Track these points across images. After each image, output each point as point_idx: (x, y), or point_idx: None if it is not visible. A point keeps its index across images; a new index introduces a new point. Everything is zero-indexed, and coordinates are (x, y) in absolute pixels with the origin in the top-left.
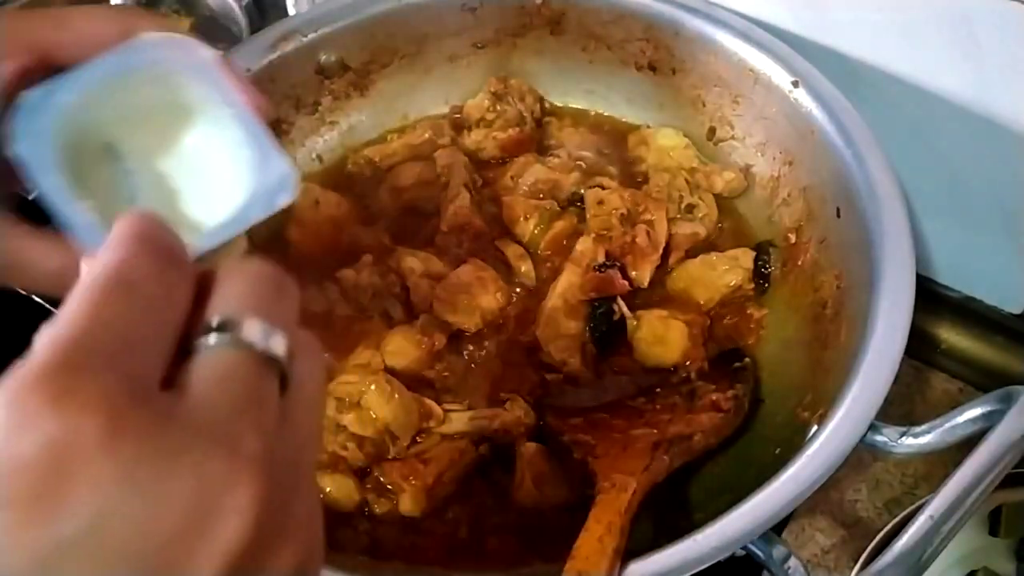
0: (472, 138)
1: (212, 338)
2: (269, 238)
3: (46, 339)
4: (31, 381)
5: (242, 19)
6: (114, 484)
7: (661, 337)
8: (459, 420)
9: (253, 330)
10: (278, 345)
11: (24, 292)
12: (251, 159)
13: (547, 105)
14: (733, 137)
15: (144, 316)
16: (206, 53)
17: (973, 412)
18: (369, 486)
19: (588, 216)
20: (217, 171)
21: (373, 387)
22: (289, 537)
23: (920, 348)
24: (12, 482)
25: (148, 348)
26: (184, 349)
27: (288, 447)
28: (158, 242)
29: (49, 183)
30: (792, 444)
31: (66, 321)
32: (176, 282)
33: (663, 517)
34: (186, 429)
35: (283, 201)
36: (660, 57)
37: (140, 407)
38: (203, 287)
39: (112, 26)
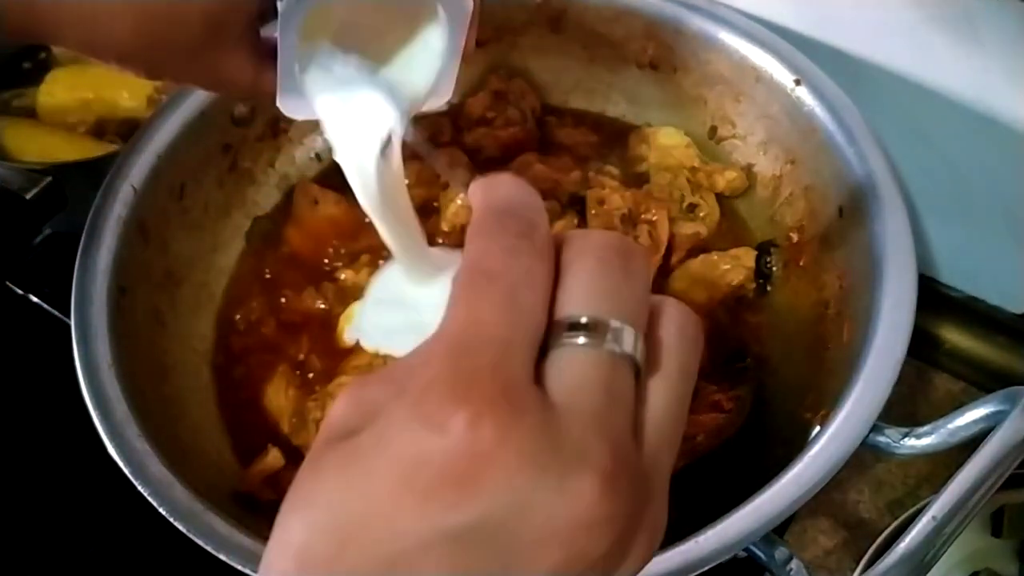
0: (472, 137)
1: (568, 338)
2: (267, 237)
3: (437, 343)
4: (434, 386)
5: None
6: (498, 487)
7: None
8: None
9: (609, 331)
10: (631, 344)
11: (207, 89)
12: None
13: (548, 104)
14: (735, 136)
15: (511, 309)
16: None
17: (976, 413)
18: None
19: (589, 216)
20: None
21: None
22: (636, 543)
23: (923, 348)
24: (433, 473)
25: (521, 345)
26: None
27: (644, 454)
28: (511, 213)
29: (288, 39)
30: (794, 445)
31: (449, 323)
32: (534, 264)
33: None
34: (555, 440)
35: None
36: (661, 55)
37: (523, 414)
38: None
39: None
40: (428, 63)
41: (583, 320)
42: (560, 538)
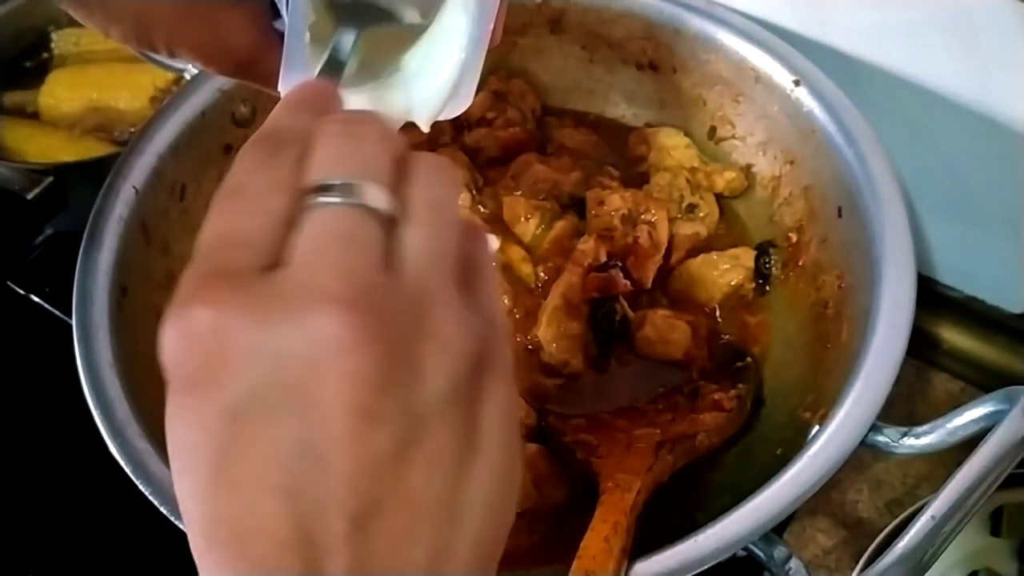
0: (472, 137)
1: (308, 202)
2: None
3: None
4: (178, 292)
5: None
6: (240, 358)
7: (664, 337)
8: None
9: (341, 187)
10: (367, 193)
11: (199, 63)
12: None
13: (547, 104)
14: (734, 136)
15: (247, 214)
16: None
17: (975, 412)
18: None
19: (589, 216)
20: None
21: None
22: (420, 369)
23: (922, 348)
24: (185, 370)
25: (252, 242)
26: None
27: (404, 279)
28: (269, 136)
29: (297, 9)
30: (793, 444)
31: (198, 240)
32: (275, 177)
33: (664, 518)
34: (279, 294)
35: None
36: (661, 56)
37: (241, 290)
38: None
39: None
40: (449, 55)
41: (315, 184)
42: (326, 370)
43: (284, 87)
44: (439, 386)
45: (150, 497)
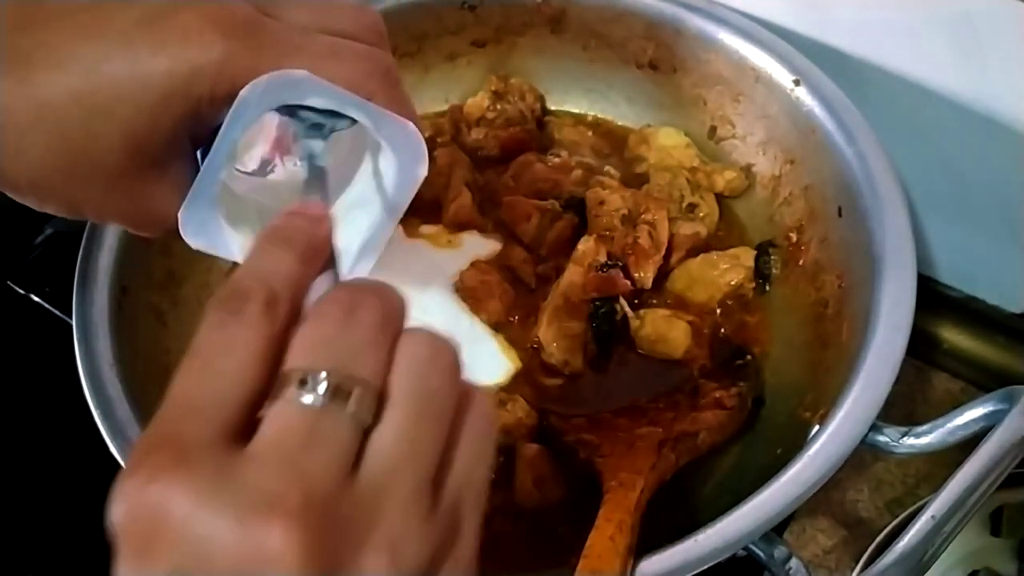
0: (472, 137)
1: (281, 391)
2: None
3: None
4: (131, 457)
5: None
6: (172, 543)
7: (664, 336)
8: None
9: (316, 381)
10: (338, 388)
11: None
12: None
13: (547, 104)
14: (734, 136)
15: (203, 378)
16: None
17: (975, 412)
18: None
19: (589, 216)
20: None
21: None
22: (370, 567)
23: (922, 348)
24: (122, 541)
25: (208, 409)
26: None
27: (361, 488)
28: (233, 290)
29: (210, 178)
30: (793, 444)
31: (163, 401)
32: (236, 334)
33: (664, 517)
34: (231, 487)
35: (422, 173)
36: (661, 56)
37: (191, 469)
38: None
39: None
40: (365, 219)
41: (290, 374)
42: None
43: (187, 231)
44: None
45: None
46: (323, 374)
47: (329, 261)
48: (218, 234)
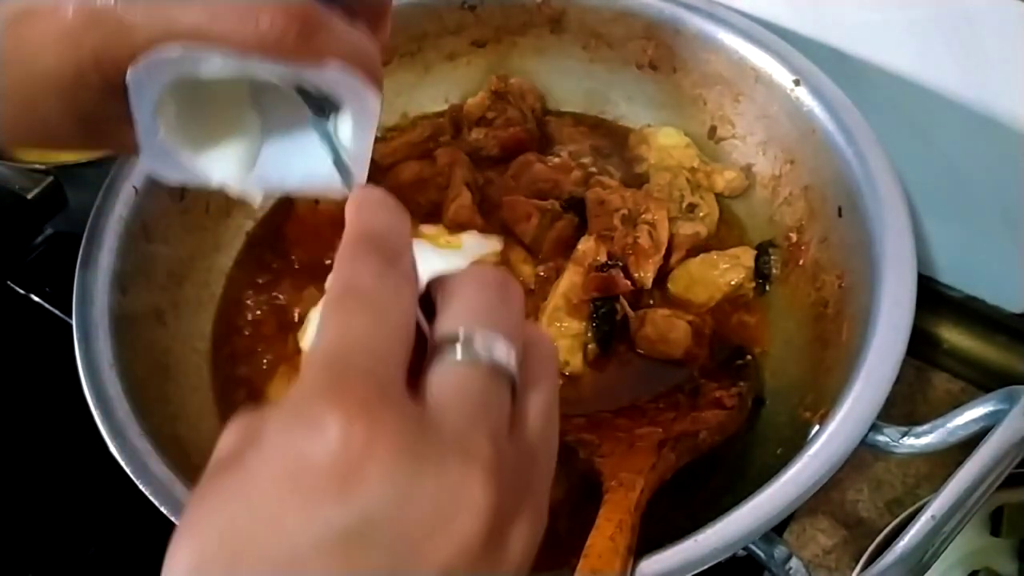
0: (472, 137)
1: (447, 351)
2: (268, 237)
3: (312, 358)
4: (309, 394)
5: None
6: (378, 480)
7: (664, 336)
8: None
9: (484, 344)
10: (504, 355)
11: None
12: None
13: (547, 104)
14: (734, 136)
15: (380, 324)
16: None
17: (975, 412)
18: None
19: (589, 216)
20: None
21: None
22: (516, 531)
23: (922, 348)
24: (313, 474)
25: (391, 355)
26: (420, 356)
27: (520, 450)
28: (380, 241)
29: (148, 139)
30: (793, 444)
31: (322, 340)
32: (400, 285)
33: (664, 517)
34: (429, 435)
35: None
36: (661, 56)
37: (394, 412)
38: (431, 287)
39: None
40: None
41: (461, 334)
42: (448, 529)
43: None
44: (516, 556)
45: (150, 497)
46: (491, 336)
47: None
48: (188, 166)
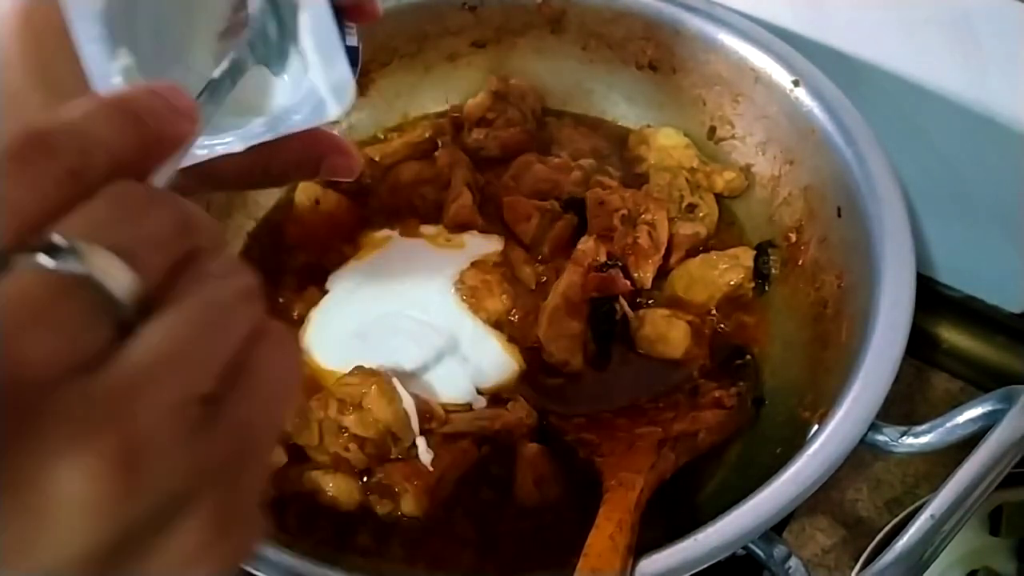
0: (473, 137)
1: (25, 254)
2: (268, 237)
3: None
4: None
5: None
6: None
7: (664, 336)
8: (461, 421)
9: (75, 254)
10: (98, 266)
11: None
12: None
13: (547, 104)
14: (734, 136)
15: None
16: None
17: (974, 412)
18: (371, 487)
19: (589, 216)
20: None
21: (374, 388)
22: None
23: (921, 347)
24: None
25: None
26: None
27: (111, 376)
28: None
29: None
30: (793, 443)
31: None
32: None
33: (664, 517)
34: None
35: (331, 113)
36: (661, 56)
37: None
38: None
39: None
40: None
41: (44, 237)
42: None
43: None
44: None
45: None
46: (85, 243)
47: (171, 163)
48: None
